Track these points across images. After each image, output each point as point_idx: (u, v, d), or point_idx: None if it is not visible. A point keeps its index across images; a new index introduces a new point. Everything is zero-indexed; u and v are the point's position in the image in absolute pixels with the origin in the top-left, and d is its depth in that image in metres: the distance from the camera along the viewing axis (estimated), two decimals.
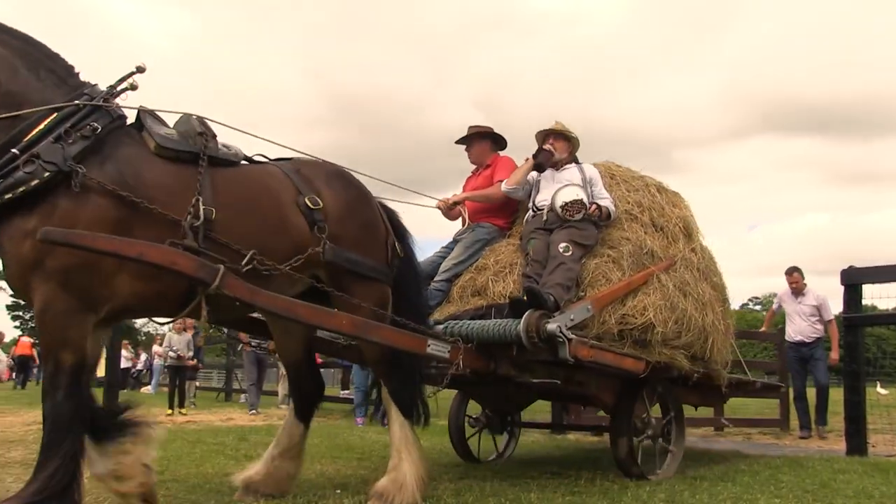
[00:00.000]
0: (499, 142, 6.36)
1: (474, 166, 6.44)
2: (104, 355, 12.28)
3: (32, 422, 9.79)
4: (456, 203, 6.14)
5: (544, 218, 5.53)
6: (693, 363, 5.54)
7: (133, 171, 3.62)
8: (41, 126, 3.51)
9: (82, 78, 3.87)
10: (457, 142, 6.41)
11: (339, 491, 4.69)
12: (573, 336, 4.60)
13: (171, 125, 4.04)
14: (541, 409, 11.52)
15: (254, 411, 12.72)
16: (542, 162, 5.72)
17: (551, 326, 4.49)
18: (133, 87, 3.92)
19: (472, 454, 6.76)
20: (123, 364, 17.71)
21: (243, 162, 4.26)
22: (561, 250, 5.13)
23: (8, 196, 3.32)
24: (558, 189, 5.46)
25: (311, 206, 4.13)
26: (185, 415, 12.64)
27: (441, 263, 5.93)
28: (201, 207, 3.66)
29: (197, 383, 16.73)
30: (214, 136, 4.03)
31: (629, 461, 5.36)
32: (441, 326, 4.87)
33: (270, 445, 4.78)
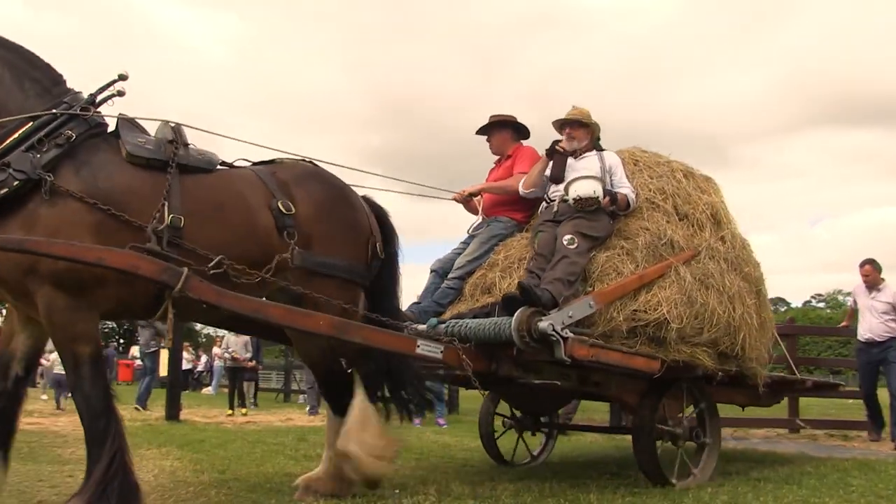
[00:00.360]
0: (521, 131, 6.11)
1: (497, 157, 6.18)
2: (166, 356, 12.56)
3: None
4: (472, 195, 5.95)
5: (555, 209, 5.30)
6: (723, 361, 5.19)
7: (104, 178, 3.71)
8: (16, 135, 3.62)
9: (70, 86, 3.97)
10: (477, 132, 6.18)
11: (397, 491, 4.69)
12: (569, 335, 4.36)
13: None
14: (599, 410, 11.42)
15: (313, 412, 12.85)
16: (557, 175, 5.41)
17: (543, 325, 4.27)
18: (120, 94, 4.02)
19: (502, 455, 6.57)
20: (185, 365, 18.04)
21: (220, 167, 4.29)
22: (565, 243, 4.88)
23: None
24: (573, 180, 5.20)
25: (284, 212, 4.14)
26: (245, 415, 12.84)
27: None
28: (167, 213, 3.72)
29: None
30: (186, 143, 4.08)
31: (651, 466, 5.04)
32: (443, 326, 4.73)
33: (325, 448, 4.80)
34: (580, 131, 5.59)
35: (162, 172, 3.86)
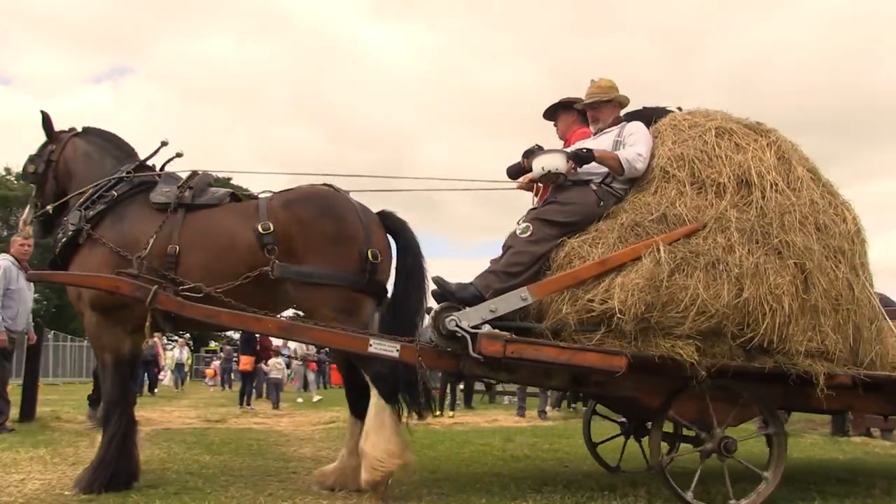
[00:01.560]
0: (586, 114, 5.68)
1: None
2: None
3: (318, 422, 10.74)
4: (532, 181, 5.60)
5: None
6: (752, 356, 4.31)
7: (126, 224, 4.93)
8: (83, 199, 5.07)
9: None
10: (544, 116, 5.86)
11: (606, 493, 4.64)
12: (479, 331, 4.17)
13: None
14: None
15: (521, 414, 12.95)
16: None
17: (447, 320, 4.19)
18: (179, 155, 5.37)
19: (606, 462, 6.16)
20: None
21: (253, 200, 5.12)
22: (518, 232, 4.62)
23: (57, 252, 4.97)
24: (538, 156, 4.83)
25: (262, 231, 4.71)
26: (452, 417, 13.12)
27: None
28: (151, 244, 4.74)
29: (461, 386, 17.29)
30: (191, 187, 5.04)
31: (664, 480, 4.44)
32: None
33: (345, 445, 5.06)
34: (603, 111, 5.27)
35: (173, 213, 4.91)
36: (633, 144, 4.85)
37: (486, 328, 4.20)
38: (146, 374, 20.65)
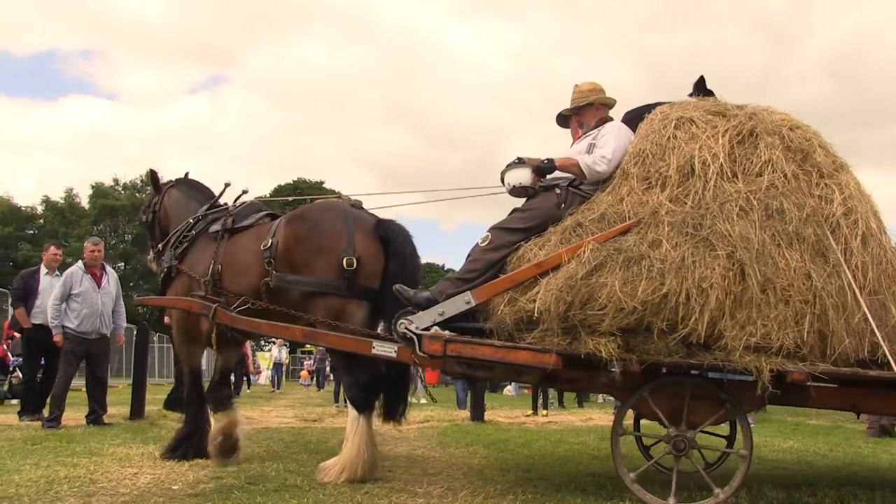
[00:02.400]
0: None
1: None
2: None
3: (412, 421, 10.73)
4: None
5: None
6: (692, 352, 4.12)
7: (196, 255, 6.11)
8: (173, 239, 6.37)
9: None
10: (557, 124, 5.72)
11: (704, 492, 4.54)
12: (423, 333, 4.53)
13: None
14: None
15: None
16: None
17: (399, 324, 4.64)
18: (245, 192, 6.61)
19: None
20: None
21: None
22: (478, 241, 4.85)
23: (160, 282, 6.38)
24: (508, 171, 4.97)
25: (263, 248, 5.56)
26: (545, 416, 13.06)
27: None
28: (210, 269, 5.84)
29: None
30: (232, 215, 6.09)
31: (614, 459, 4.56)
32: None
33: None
34: (585, 115, 5.35)
35: (221, 239, 5.96)
36: (601, 147, 4.87)
37: (435, 329, 4.55)
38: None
